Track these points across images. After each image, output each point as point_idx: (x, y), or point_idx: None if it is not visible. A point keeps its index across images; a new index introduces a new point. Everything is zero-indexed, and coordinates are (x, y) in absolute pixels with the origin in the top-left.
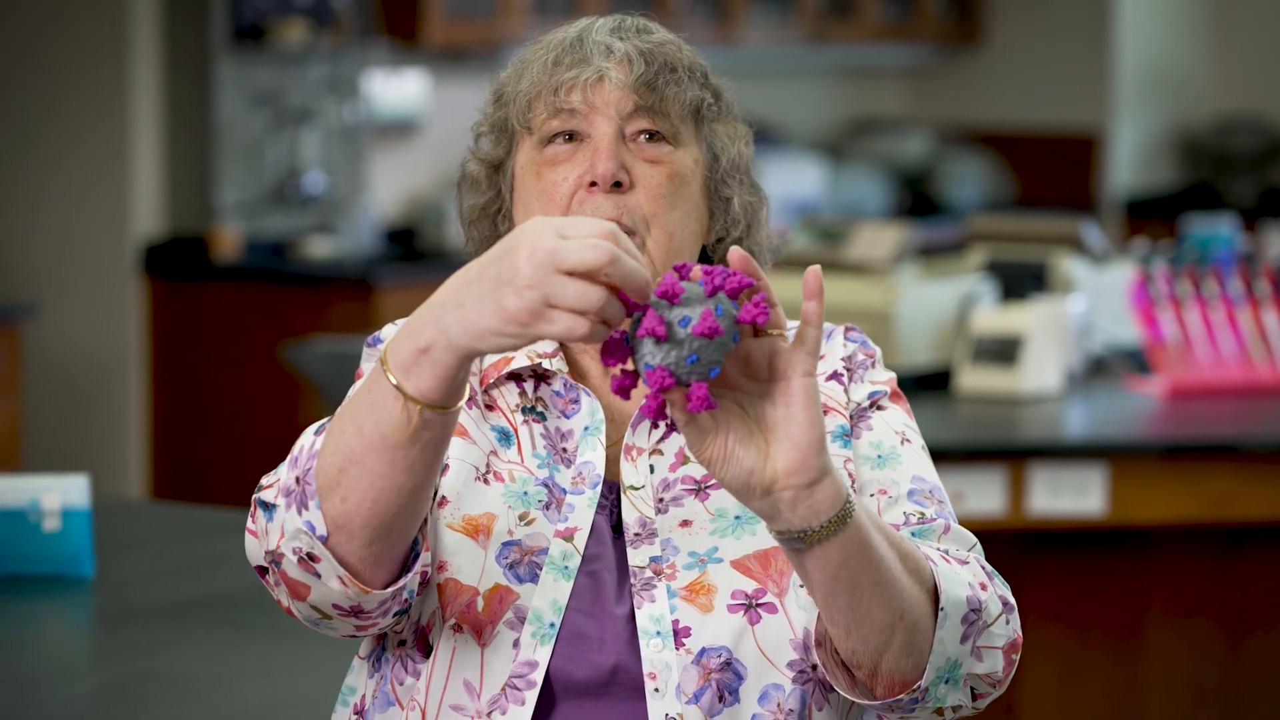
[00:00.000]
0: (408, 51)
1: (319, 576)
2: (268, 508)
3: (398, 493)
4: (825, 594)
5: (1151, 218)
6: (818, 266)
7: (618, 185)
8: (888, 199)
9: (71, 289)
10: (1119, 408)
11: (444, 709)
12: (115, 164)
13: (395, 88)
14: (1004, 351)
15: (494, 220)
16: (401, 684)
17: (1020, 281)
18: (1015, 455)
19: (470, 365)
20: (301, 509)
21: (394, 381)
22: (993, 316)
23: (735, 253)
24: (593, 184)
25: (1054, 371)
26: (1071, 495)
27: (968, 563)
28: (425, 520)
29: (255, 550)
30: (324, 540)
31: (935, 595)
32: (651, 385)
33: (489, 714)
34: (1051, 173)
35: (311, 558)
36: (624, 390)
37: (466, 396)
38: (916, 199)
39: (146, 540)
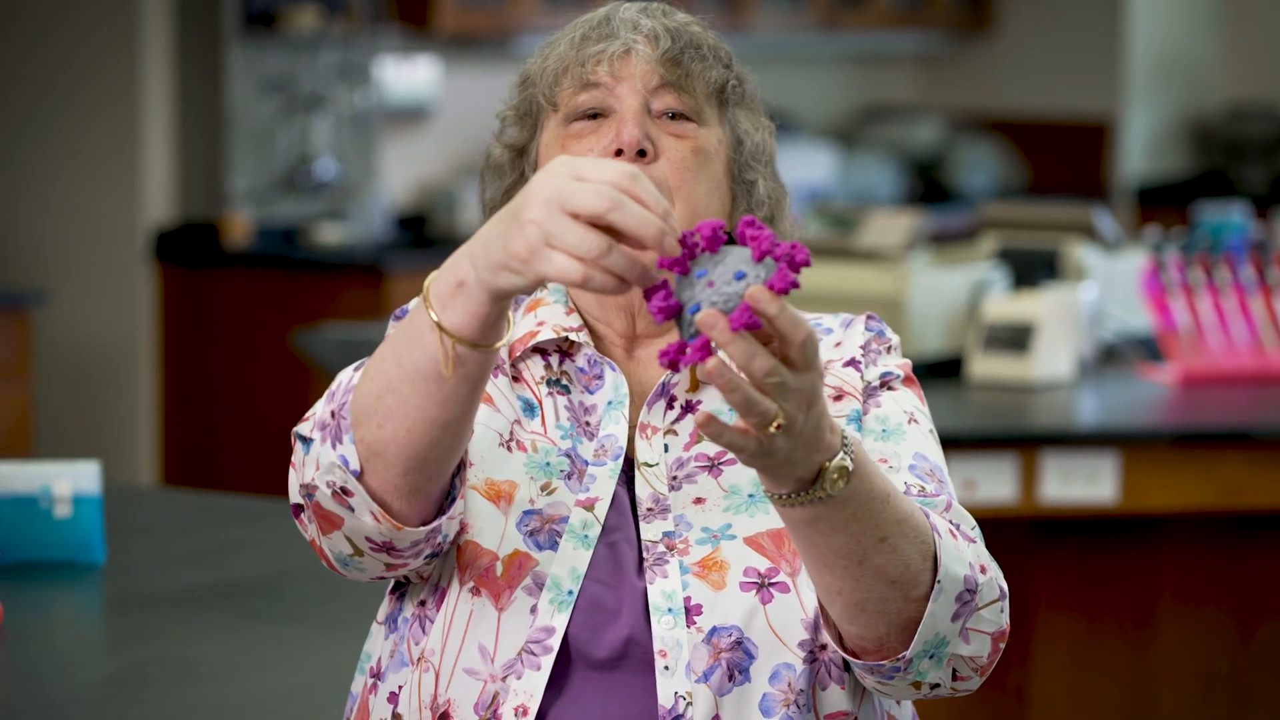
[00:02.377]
0: (419, 38)
1: (352, 510)
2: (305, 441)
3: (431, 425)
4: (827, 555)
5: (1163, 205)
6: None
7: (642, 154)
8: (899, 186)
9: (82, 275)
10: (1131, 395)
11: (457, 672)
12: (126, 150)
13: (406, 74)
14: (1016, 339)
15: None
16: (417, 643)
17: (1032, 269)
18: (1027, 443)
19: (506, 304)
20: (336, 443)
21: (432, 314)
22: (1004, 304)
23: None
24: (618, 153)
25: (1066, 359)
26: (1083, 483)
27: (975, 542)
28: (463, 462)
29: (293, 485)
30: (357, 475)
31: (933, 567)
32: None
33: (504, 678)
34: (1063, 160)
35: (345, 491)
36: (674, 365)
37: (507, 338)
38: (927, 186)
39: (157, 527)
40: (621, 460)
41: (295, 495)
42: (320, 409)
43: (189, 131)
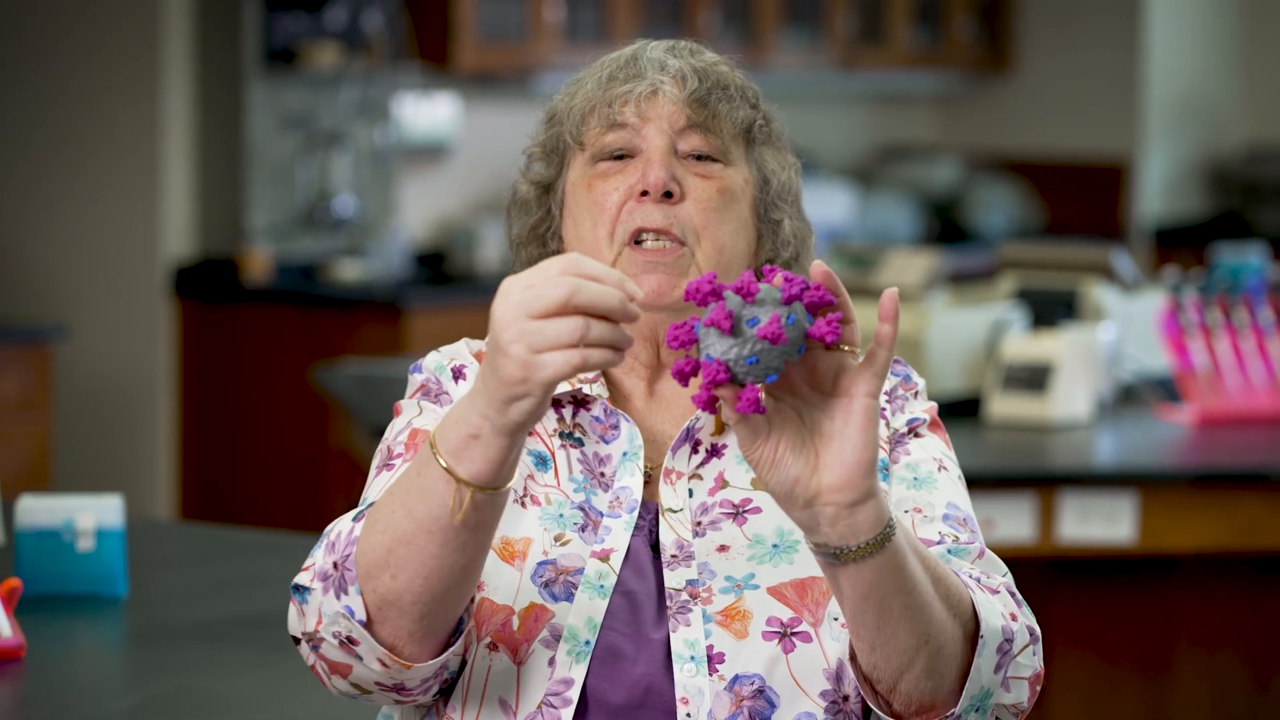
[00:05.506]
0: (439, 75)
1: (360, 659)
2: (301, 591)
3: (450, 570)
4: (854, 610)
5: (1180, 246)
6: (895, 290)
7: (668, 195)
8: (917, 226)
9: (102, 310)
10: (1149, 436)
11: None
12: (146, 185)
13: (426, 111)
14: (1034, 379)
15: (543, 240)
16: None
17: (1051, 309)
18: (1045, 483)
19: (522, 443)
20: (340, 594)
21: (445, 465)
22: (1023, 344)
23: (819, 267)
24: (644, 193)
25: (1084, 399)
26: (1101, 523)
27: (999, 592)
28: (474, 597)
29: (295, 625)
30: (364, 624)
31: (969, 622)
32: (705, 376)
33: None
34: (1080, 200)
35: (351, 640)
36: (683, 376)
37: (517, 475)
38: (945, 226)
39: (177, 560)
40: (636, 513)
41: (294, 631)
42: (320, 558)
43: (209, 167)
